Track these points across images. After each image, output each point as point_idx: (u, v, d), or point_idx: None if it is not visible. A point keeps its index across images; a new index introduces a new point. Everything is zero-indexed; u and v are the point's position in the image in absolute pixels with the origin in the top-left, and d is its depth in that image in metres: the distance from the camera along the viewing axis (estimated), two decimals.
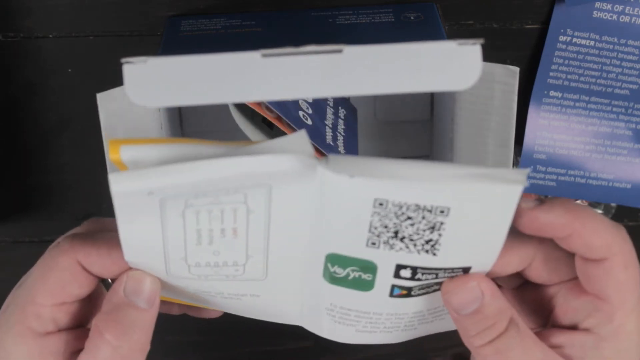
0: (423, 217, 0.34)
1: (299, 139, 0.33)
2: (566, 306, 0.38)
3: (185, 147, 0.33)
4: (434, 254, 0.35)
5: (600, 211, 0.59)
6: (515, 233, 0.37)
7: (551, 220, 0.35)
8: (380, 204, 0.33)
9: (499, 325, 0.36)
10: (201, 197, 0.34)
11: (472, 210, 0.33)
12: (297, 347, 0.63)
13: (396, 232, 0.34)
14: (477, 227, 0.34)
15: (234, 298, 0.39)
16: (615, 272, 0.36)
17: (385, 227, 0.34)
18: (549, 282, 0.39)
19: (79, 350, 0.37)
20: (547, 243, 0.37)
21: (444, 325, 0.41)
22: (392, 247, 0.35)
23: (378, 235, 0.35)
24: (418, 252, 0.35)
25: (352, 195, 0.33)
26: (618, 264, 0.36)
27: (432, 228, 0.34)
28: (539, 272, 0.38)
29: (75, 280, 0.37)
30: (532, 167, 0.55)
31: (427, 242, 0.35)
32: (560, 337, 0.37)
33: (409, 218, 0.34)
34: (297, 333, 0.42)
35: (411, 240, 0.35)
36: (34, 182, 0.56)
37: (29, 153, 0.55)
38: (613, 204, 0.58)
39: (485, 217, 0.34)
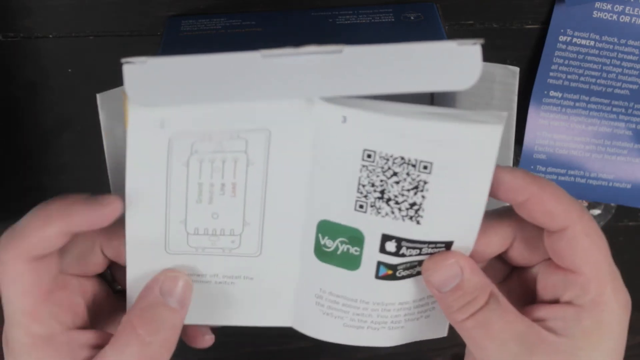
0: (407, 174, 0.35)
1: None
2: (545, 282, 0.39)
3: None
4: (418, 222, 0.36)
5: (600, 211, 0.59)
6: (494, 214, 0.38)
7: (510, 181, 0.36)
8: (369, 156, 0.35)
9: (479, 299, 0.37)
10: (207, 142, 0.35)
11: (454, 164, 0.35)
12: (297, 347, 0.63)
13: (382, 192, 0.36)
14: (459, 185, 0.35)
15: (228, 283, 0.40)
16: (578, 240, 0.37)
17: (373, 185, 0.36)
18: (530, 262, 0.40)
19: (87, 347, 0.38)
20: (526, 223, 0.38)
21: (430, 328, 0.41)
22: (378, 211, 0.36)
23: (366, 196, 0.36)
24: (403, 218, 0.36)
25: (343, 146, 0.35)
26: (579, 232, 0.37)
27: (416, 188, 0.35)
28: (520, 252, 0.39)
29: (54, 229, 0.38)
30: (532, 167, 0.55)
31: (412, 205, 0.36)
32: (542, 311, 0.38)
33: (395, 174, 0.35)
34: (297, 333, 0.42)
35: (396, 203, 0.36)
36: (33, 182, 0.56)
37: (29, 153, 0.55)
38: (613, 204, 0.58)
39: (467, 171, 0.35)
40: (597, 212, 0.59)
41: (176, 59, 0.33)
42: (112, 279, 0.43)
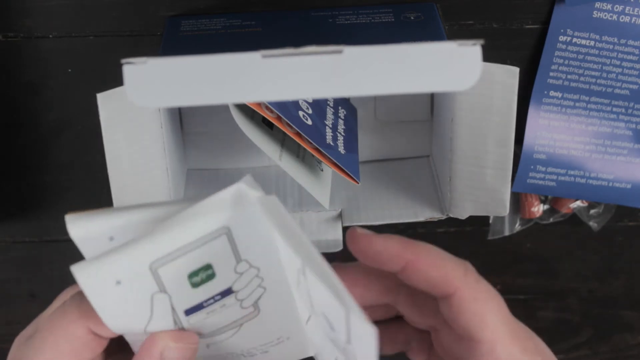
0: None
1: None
2: (447, 349, 0.37)
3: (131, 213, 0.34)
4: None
5: (599, 211, 0.59)
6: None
7: (384, 248, 0.35)
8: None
9: None
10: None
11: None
12: None
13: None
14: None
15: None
16: (467, 306, 0.35)
17: None
18: (421, 324, 0.38)
19: None
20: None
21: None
22: None
23: None
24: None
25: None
26: (466, 297, 0.35)
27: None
28: (408, 310, 0.38)
29: (87, 346, 0.36)
30: (532, 167, 0.55)
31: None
32: None
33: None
34: None
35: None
36: (33, 182, 0.56)
37: (29, 153, 0.55)
38: (613, 204, 0.58)
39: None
40: (597, 212, 0.59)
41: (176, 59, 0.33)
42: None
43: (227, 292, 0.36)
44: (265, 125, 0.48)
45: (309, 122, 0.48)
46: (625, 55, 0.52)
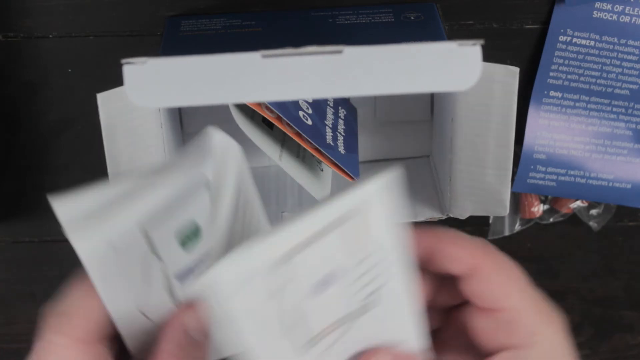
0: None
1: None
2: (476, 330, 0.38)
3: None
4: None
5: (600, 211, 0.59)
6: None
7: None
8: None
9: None
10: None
11: None
12: None
13: None
14: None
15: None
16: (491, 279, 0.36)
17: None
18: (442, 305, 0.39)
19: None
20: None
21: None
22: None
23: None
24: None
25: None
26: (489, 271, 0.36)
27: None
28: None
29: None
30: (532, 167, 0.55)
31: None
32: None
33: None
34: None
35: None
36: (33, 182, 0.56)
37: (29, 153, 0.55)
38: (613, 204, 0.58)
39: None
40: (597, 212, 0.59)
41: (176, 59, 0.33)
42: None
43: None
44: (265, 125, 0.48)
45: (309, 122, 0.48)
46: (625, 55, 0.52)
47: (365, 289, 0.35)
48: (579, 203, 0.58)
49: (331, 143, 0.48)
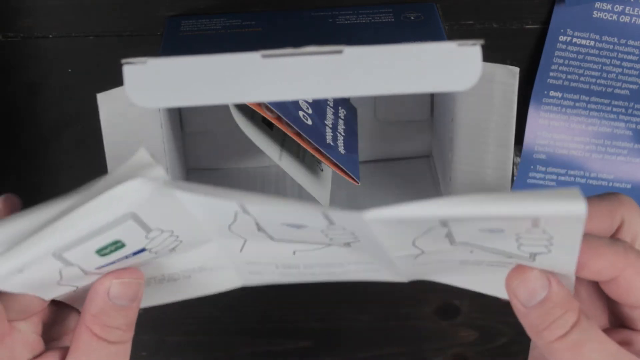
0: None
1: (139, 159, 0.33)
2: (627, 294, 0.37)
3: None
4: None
5: None
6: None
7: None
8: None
9: (569, 317, 0.34)
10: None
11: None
12: (296, 347, 0.63)
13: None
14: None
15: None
16: (634, 284, 0.35)
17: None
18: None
19: None
20: None
21: None
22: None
23: None
24: None
25: None
26: (632, 277, 0.35)
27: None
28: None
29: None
30: (532, 167, 0.55)
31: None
32: (629, 335, 0.37)
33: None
34: (296, 333, 0.43)
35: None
36: (33, 182, 0.56)
37: (29, 153, 0.55)
38: None
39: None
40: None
41: (176, 59, 0.33)
42: None
43: (141, 251, 0.37)
44: (265, 125, 0.49)
45: (309, 122, 0.48)
46: (625, 55, 0.52)
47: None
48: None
49: (331, 143, 0.48)
